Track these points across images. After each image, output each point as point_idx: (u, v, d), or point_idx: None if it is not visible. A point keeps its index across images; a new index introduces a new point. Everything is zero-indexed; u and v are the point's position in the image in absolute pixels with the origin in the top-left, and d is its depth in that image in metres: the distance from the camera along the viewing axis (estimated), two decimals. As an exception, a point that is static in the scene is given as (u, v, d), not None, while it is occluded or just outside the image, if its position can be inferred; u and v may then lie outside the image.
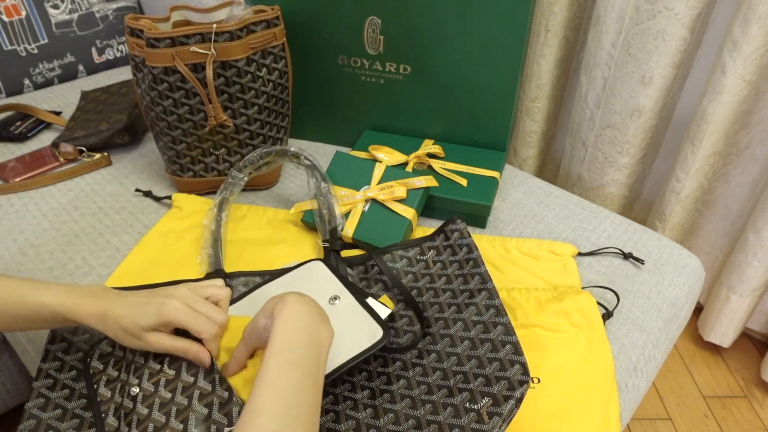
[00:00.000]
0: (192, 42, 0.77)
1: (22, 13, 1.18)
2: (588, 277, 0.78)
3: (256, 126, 0.87)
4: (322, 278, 0.66)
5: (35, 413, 0.55)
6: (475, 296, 0.64)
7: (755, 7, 0.88)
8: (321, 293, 0.63)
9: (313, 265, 0.68)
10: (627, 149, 1.14)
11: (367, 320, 0.59)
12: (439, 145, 0.95)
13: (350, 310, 0.60)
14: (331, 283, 0.65)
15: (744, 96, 0.98)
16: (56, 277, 0.77)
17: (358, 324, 0.58)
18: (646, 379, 0.72)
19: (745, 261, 1.09)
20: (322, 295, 0.63)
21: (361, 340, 0.56)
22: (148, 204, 0.90)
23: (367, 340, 0.56)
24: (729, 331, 1.20)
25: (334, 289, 0.64)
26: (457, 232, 0.72)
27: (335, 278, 0.65)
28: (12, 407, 1.02)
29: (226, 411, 0.51)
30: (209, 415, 0.51)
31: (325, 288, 0.64)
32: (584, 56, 1.15)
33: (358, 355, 0.55)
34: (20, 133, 1.05)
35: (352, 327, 0.58)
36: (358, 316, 0.59)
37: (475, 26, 0.85)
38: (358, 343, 0.56)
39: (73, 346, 0.61)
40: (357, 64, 0.94)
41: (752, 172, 1.11)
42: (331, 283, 0.65)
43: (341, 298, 0.62)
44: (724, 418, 1.16)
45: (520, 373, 0.55)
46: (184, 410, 0.52)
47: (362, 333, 0.57)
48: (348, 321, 0.59)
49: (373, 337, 0.56)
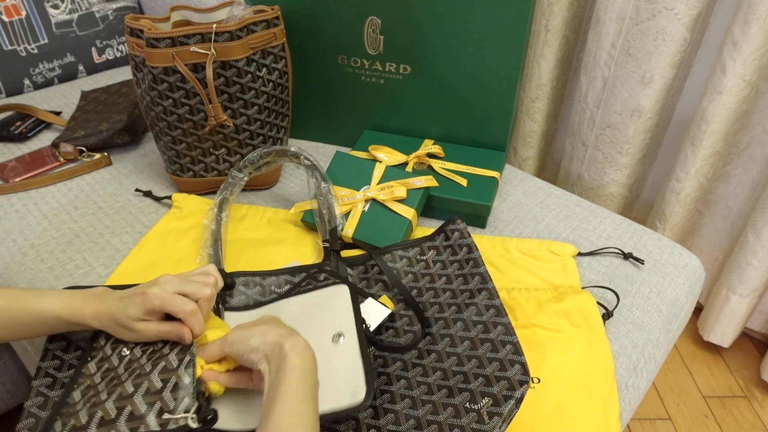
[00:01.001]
0: (192, 42, 0.77)
1: (22, 13, 1.17)
2: (588, 277, 0.78)
3: (256, 126, 0.87)
4: (339, 308, 0.62)
5: (34, 412, 0.55)
6: (475, 296, 0.64)
7: (755, 7, 0.88)
8: (330, 326, 0.61)
9: (339, 291, 0.65)
10: (627, 149, 1.14)
11: (357, 374, 0.54)
12: (439, 145, 0.95)
13: (347, 355, 0.57)
14: (345, 318, 0.61)
15: (744, 96, 0.98)
16: (56, 277, 0.77)
17: (346, 374, 0.55)
18: (646, 379, 0.72)
19: (745, 261, 1.09)
20: (329, 329, 0.60)
21: (342, 395, 0.53)
22: (148, 204, 0.90)
23: (347, 396, 0.53)
24: (729, 331, 1.20)
25: (345, 324, 0.60)
26: (457, 232, 0.72)
27: (351, 312, 0.62)
28: (12, 407, 1.02)
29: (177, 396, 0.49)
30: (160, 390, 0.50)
31: (336, 321, 0.61)
32: (584, 56, 1.15)
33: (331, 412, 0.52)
34: (20, 133, 1.05)
35: (340, 375, 0.55)
36: (353, 365, 0.56)
37: (475, 26, 0.85)
38: (336, 398, 0.53)
39: (72, 345, 0.61)
40: (357, 64, 0.94)
41: (752, 172, 1.11)
42: (344, 318, 0.61)
43: (345, 338, 0.59)
44: (724, 418, 1.16)
45: (520, 373, 0.55)
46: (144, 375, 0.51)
47: (347, 386, 0.54)
48: (338, 367, 0.56)
49: (355, 397, 0.52)
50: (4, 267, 0.80)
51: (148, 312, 0.54)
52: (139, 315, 0.54)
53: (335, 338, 0.59)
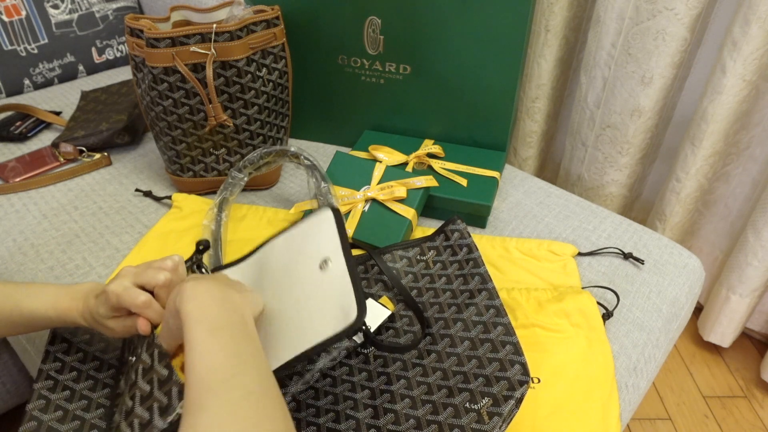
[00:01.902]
0: (192, 42, 0.77)
1: (22, 13, 1.18)
2: (588, 277, 0.78)
3: (256, 126, 0.87)
4: (324, 235, 0.61)
5: (36, 415, 0.55)
6: (475, 296, 0.64)
7: (755, 7, 0.88)
8: (316, 254, 0.59)
9: (323, 217, 0.63)
10: (627, 149, 1.14)
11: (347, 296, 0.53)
12: (439, 145, 0.95)
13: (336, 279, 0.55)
14: (331, 243, 0.59)
15: (744, 96, 0.98)
16: (56, 278, 0.77)
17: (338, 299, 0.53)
18: (646, 379, 0.72)
19: (745, 261, 1.09)
20: (316, 257, 0.59)
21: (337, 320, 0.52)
22: (148, 204, 0.90)
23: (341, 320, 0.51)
24: (729, 331, 1.20)
25: (331, 249, 0.58)
26: (457, 232, 0.72)
27: (337, 236, 0.60)
28: (12, 407, 1.02)
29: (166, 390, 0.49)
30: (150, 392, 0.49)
31: (322, 248, 0.59)
32: (584, 56, 1.15)
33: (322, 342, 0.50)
34: (20, 133, 1.05)
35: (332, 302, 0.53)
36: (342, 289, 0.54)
37: (475, 26, 0.85)
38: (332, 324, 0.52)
39: (73, 347, 0.61)
40: (357, 64, 0.94)
41: (752, 172, 1.11)
42: (330, 243, 0.59)
43: (333, 263, 0.57)
44: (724, 418, 1.16)
45: (520, 373, 0.55)
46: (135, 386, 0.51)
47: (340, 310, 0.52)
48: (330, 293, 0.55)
49: (347, 318, 0.51)
50: (4, 267, 0.80)
51: (113, 309, 0.53)
52: (106, 313, 0.53)
53: (323, 265, 0.57)
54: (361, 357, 0.62)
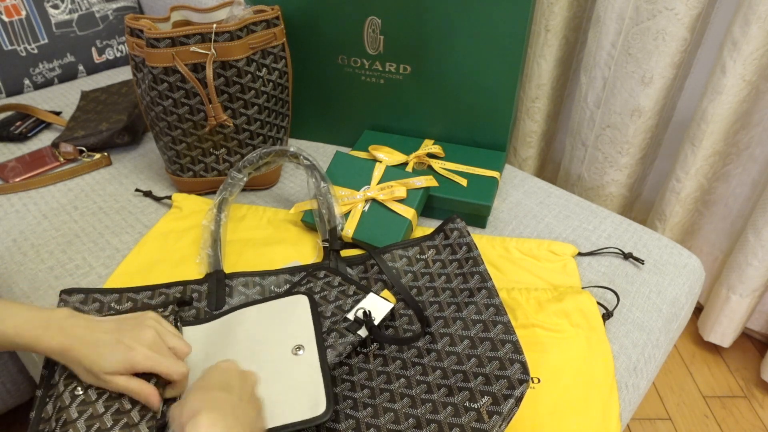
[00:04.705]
0: (192, 42, 0.77)
1: (22, 13, 1.18)
2: (588, 277, 0.78)
3: (256, 126, 0.87)
4: (299, 319, 0.62)
5: None
6: (474, 295, 0.64)
7: (755, 7, 0.88)
8: (290, 337, 0.60)
9: (299, 300, 0.65)
10: (627, 149, 1.14)
11: (317, 387, 0.55)
12: (439, 145, 0.96)
13: (308, 368, 0.57)
14: (305, 330, 0.61)
15: (744, 96, 0.98)
16: (56, 277, 0.77)
17: (307, 388, 0.55)
18: (646, 379, 0.72)
19: (745, 261, 1.09)
20: (290, 341, 0.60)
21: (302, 408, 0.54)
22: (148, 204, 0.90)
23: (307, 410, 0.53)
24: (729, 331, 1.20)
25: (305, 337, 0.60)
26: (456, 231, 0.72)
27: (311, 324, 0.62)
28: (12, 407, 1.02)
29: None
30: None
31: (297, 333, 0.61)
32: (584, 56, 1.15)
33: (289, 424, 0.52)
34: (20, 133, 1.06)
35: (300, 389, 0.55)
36: (313, 378, 0.56)
37: (475, 26, 0.85)
38: (296, 410, 0.53)
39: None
40: (357, 64, 0.94)
41: (752, 172, 1.11)
42: (305, 330, 0.61)
43: (305, 351, 0.59)
44: (724, 418, 1.16)
45: (519, 371, 0.55)
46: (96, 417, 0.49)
47: (307, 399, 0.54)
48: (299, 380, 0.56)
49: (315, 410, 0.53)
50: (4, 267, 0.80)
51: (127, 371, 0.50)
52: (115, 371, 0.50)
53: (295, 350, 0.59)
54: (360, 356, 0.62)
